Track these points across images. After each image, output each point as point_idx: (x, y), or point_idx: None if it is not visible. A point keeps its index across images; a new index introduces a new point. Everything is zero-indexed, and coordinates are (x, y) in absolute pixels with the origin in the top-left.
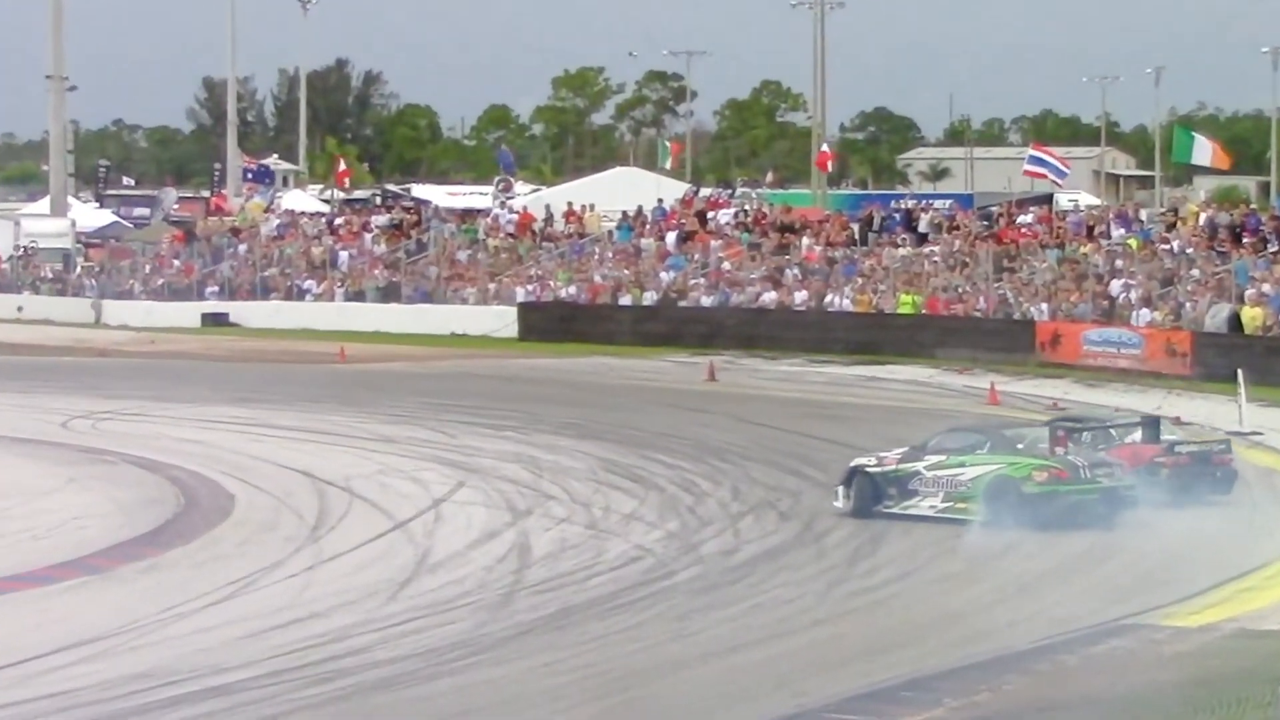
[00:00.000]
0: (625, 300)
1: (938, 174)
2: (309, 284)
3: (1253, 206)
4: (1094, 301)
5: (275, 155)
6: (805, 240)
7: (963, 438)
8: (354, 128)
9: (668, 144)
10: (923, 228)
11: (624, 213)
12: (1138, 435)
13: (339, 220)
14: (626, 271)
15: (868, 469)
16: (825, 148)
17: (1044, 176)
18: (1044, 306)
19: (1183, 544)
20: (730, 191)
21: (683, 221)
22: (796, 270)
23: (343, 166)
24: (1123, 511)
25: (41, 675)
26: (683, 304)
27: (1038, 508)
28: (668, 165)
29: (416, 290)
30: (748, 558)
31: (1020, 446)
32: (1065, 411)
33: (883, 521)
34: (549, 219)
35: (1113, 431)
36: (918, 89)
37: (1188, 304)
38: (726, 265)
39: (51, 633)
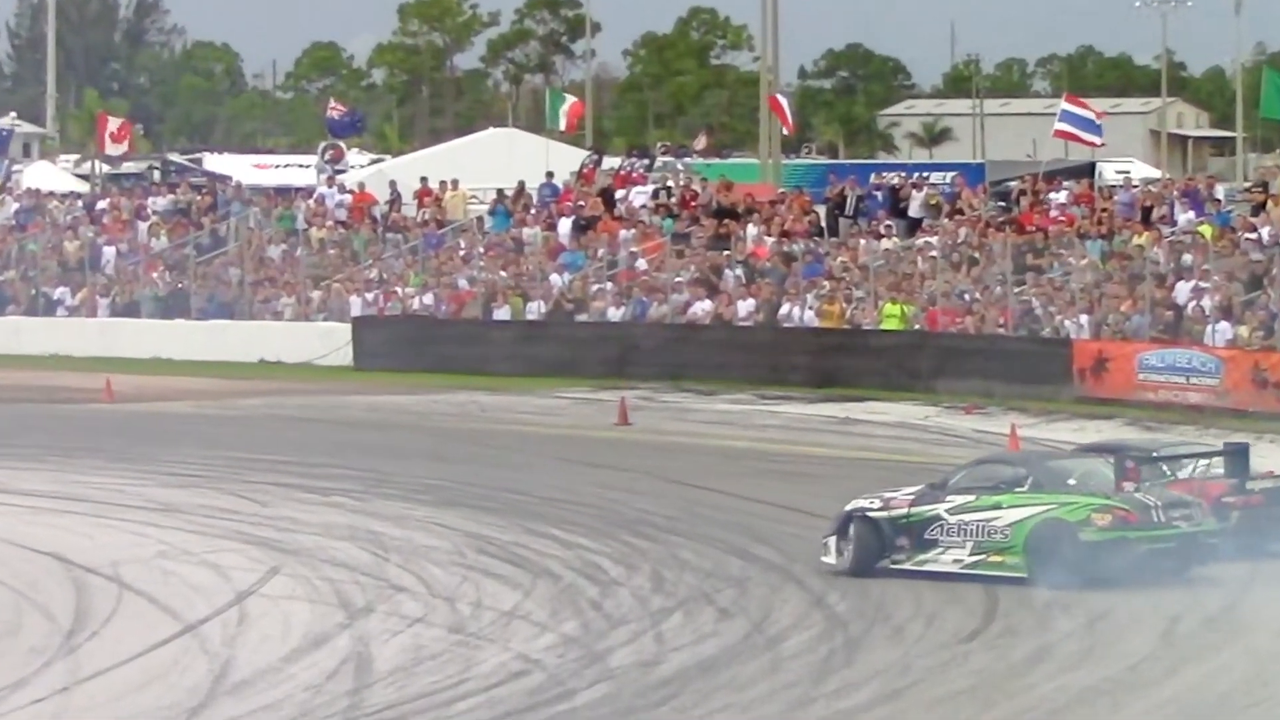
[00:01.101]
0: (502, 314)
1: (935, 136)
2: (61, 293)
3: None
4: (1153, 313)
5: (13, 114)
6: (752, 229)
7: (996, 471)
8: (123, 75)
9: (564, 99)
10: (914, 211)
11: (499, 191)
12: (1219, 469)
13: (102, 204)
14: (503, 274)
15: (870, 513)
16: (779, 98)
17: (1080, 139)
18: (1084, 320)
19: (1276, 649)
20: (647, 162)
21: (581, 204)
22: (740, 271)
23: (113, 125)
24: (1204, 564)
25: None
26: (582, 318)
27: (1100, 560)
28: (561, 128)
29: (211, 301)
30: (674, 671)
31: (1072, 482)
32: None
33: (862, 623)
34: (395, 201)
35: (1188, 463)
36: (907, 20)
37: None
38: (643, 264)
39: None
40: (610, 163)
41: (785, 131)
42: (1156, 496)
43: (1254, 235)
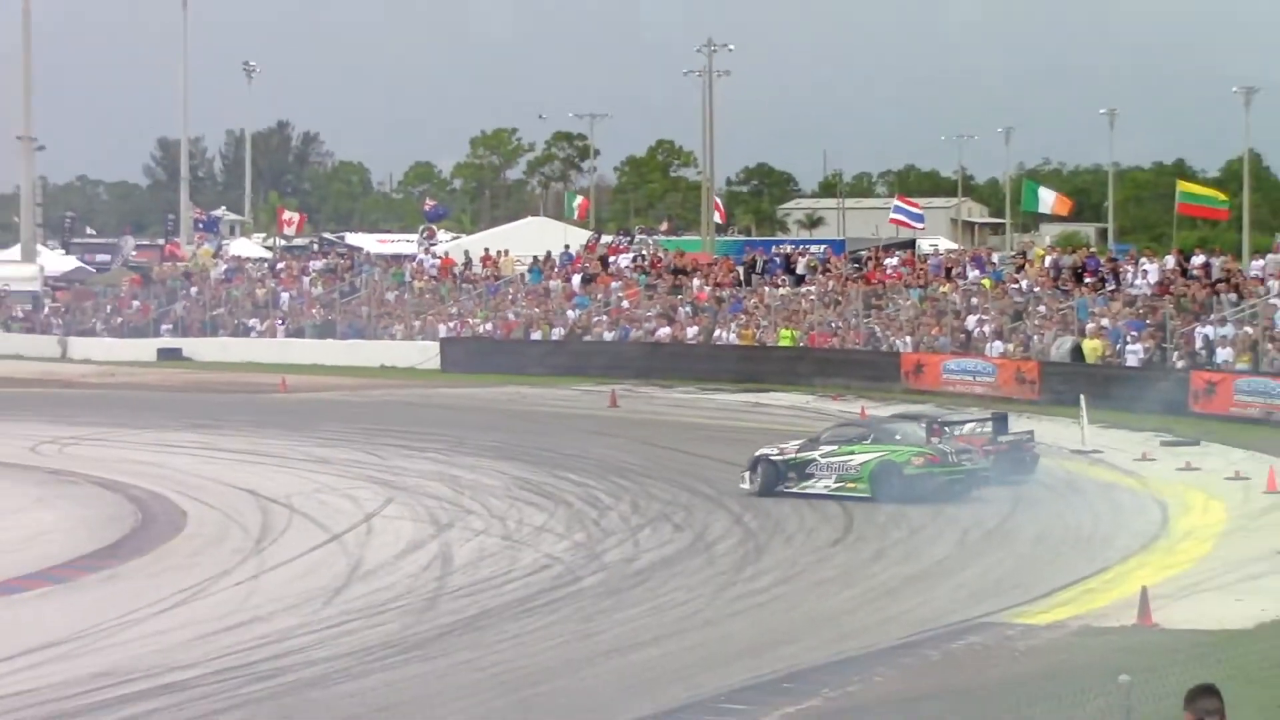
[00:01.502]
0: (536, 335)
1: (813, 222)
2: (253, 322)
3: (1092, 250)
4: (952, 335)
5: (224, 207)
6: (696, 281)
7: (850, 431)
8: (294, 182)
9: (576, 200)
10: (800, 270)
11: (535, 257)
12: (989, 428)
13: (280, 265)
14: (537, 310)
15: (771, 457)
16: (718, 202)
17: (907, 224)
18: (908, 339)
19: (1033, 551)
20: (629, 239)
21: (587, 265)
22: (688, 308)
23: (291, 216)
24: (979, 489)
25: (8, 676)
26: (587, 339)
27: (915, 486)
28: (575, 217)
29: (349, 327)
30: (646, 565)
31: (898, 438)
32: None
33: (766, 534)
34: (468, 263)
35: (971, 426)
36: (795, 147)
37: (1035, 336)
38: (626, 304)
39: (18, 637)
40: (605, 239)
41: (719, 220)
42: (950, 446)
43: (1017, 285)
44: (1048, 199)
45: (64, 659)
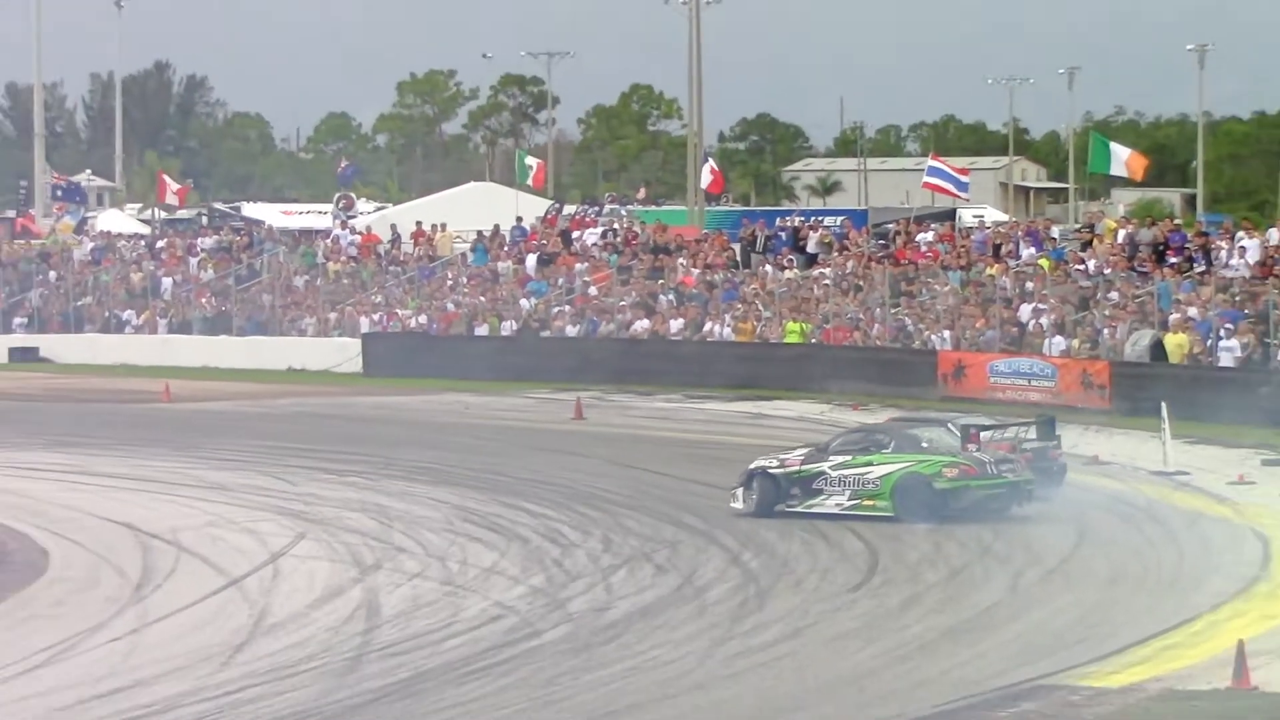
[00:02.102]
0: (481, 330)
1: (828, 188)
2: (128, 314)
3: (1177, 222)
4: (1001, 328)
5: (88, 171)
6: (681, 263)
7: (866, 438)
8: (176, 139)
9: (529, 163)
10: (811, 248)
11: (479, 233)
12: (1033, 434)
13: (161, 243)
14: (482, 299)
15: (770, 470)
16: (713, 164)
17: (945, 190)
18: (946, 334)
19: (1102, 596)
20: (597, 209)
21: (544, 242)
22: (672, 296)
23: (175, 185)
24: (1023, 504)
25: None
26: (545, 334)
27: (948, 502)
28: (529, 183)
29: (249, 321)
30: (621, 615)
31: (925, 445)
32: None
33: (770, 576)
34: (395, 240)
35: (1013, 430)
36: (805, 94)
37: (1105, 330)
38: (594, 291)
39: None
40: (568, 210)
41: (711, 188)
42: (989, 455)
43: (1082, 266)
44: (1121, 157)
45: None
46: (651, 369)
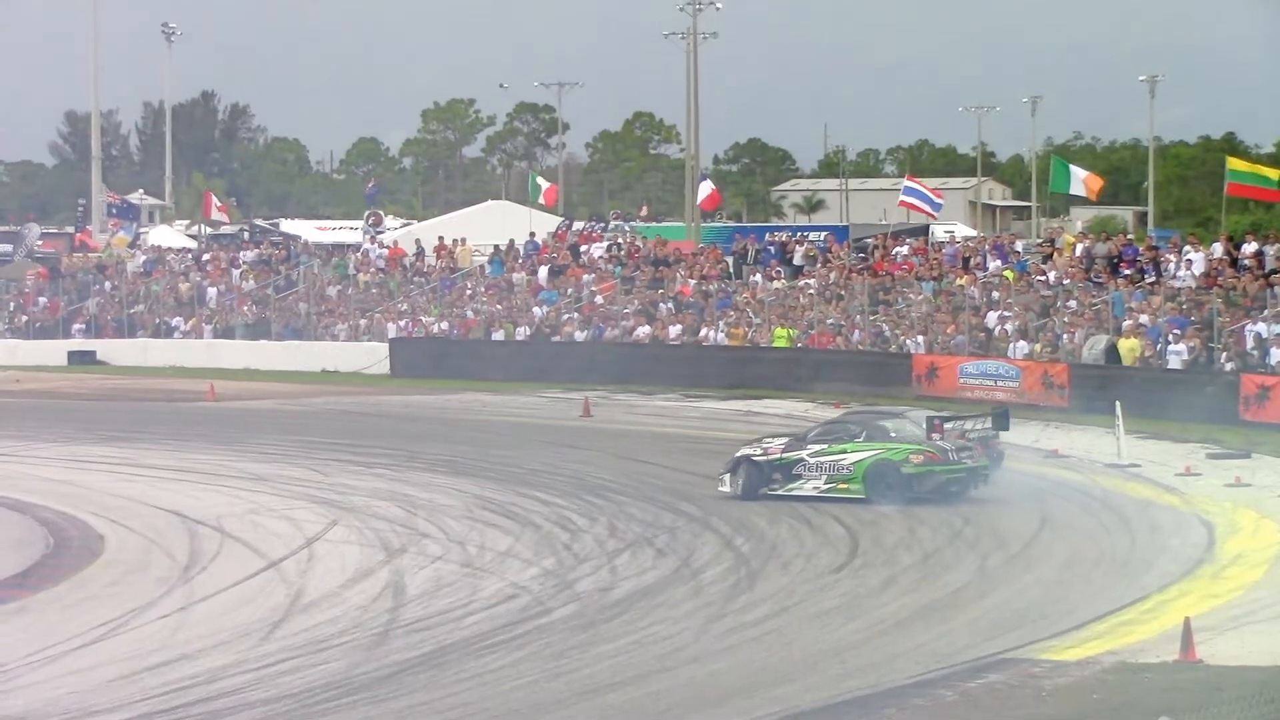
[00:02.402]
0: (498, 336)
1: (812, 206)
2: (176, 321)
3: (1130, 237)
4: (970, 334)
5: (141, 190)
6: (679, 274)
7: (841, 429)
8: (221, 162)
9: (540, 183)
10: (797, 260)
11: (496, 247)
12: (989, 424)
13: (206, 256)
14: (499, 306)
15: (754, 458)
16: (710, 184)
17: (919, 209)
18: (920, 339)
19: (1061, 577)
20: (603, 225)
21: (555, 255)
22: (670, 304)
23: (218, 202)
24: (980, 487)
25: None
26: (556, 339)
27: (914, 486)
28: (541, 201)
29: (286, 327)
30: (624, 594)
31: (893, 435)
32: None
33: (759, 559)
34: (420, 254)
35: (972, 422)
36: (792, 120)
37: (1065, 335)
38: (600, 299)
39: None
40: (576, 226)
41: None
42: (951, 443)
43: (1043, 277)
44: (1079, 177)
45: None
46: (652, 370)
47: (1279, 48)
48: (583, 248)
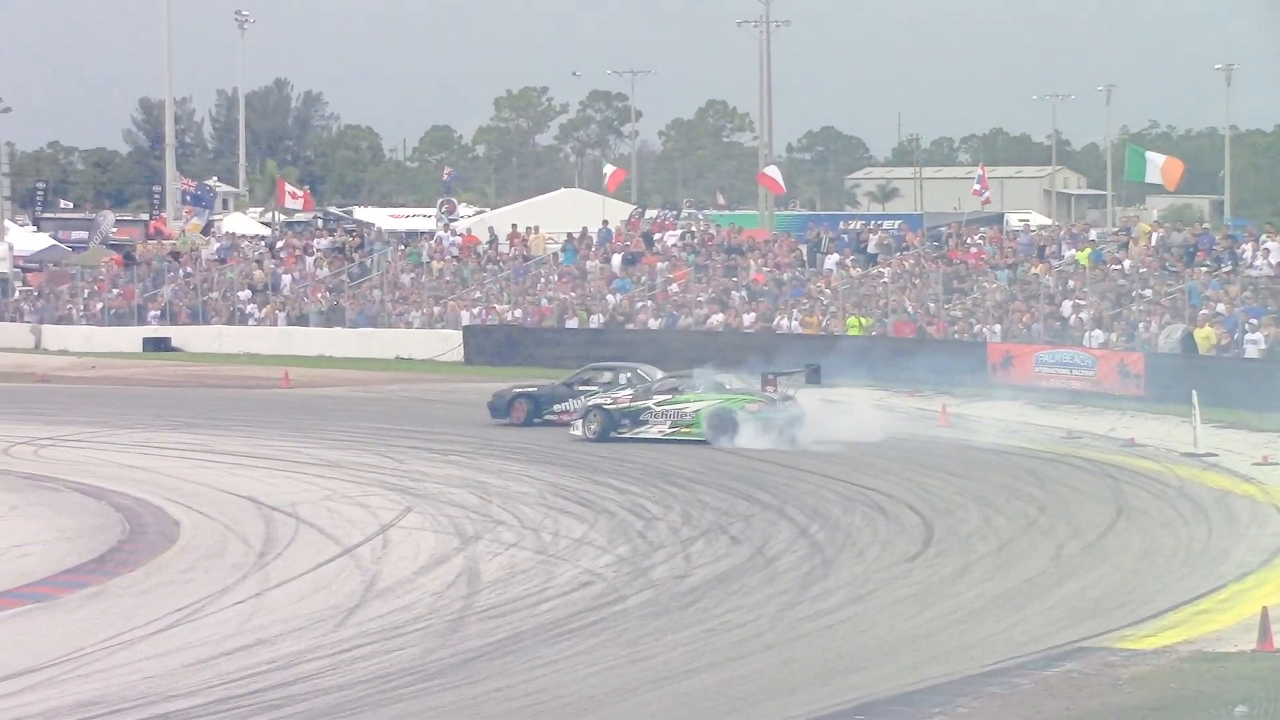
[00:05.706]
0: (572, 323)
1: (886, 195)
2: (251, 308)
3: (1205, 225)
4: (1046, 322)
5: (214, 178)
6: (753, 262)
7: (679, 382)
8: (294, 149)
9: (606, 169)
10: (871, 249)
11: (569, 235)
12: (803, 379)
13: (280, 244)
14: (572, 294)
15: (605, 406)
16: (777, 174)
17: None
18: (995, 328)
19: (1138, 566)
20: (677, 214)
21: (628, 244)
22: (744, 292)
23: (296, 190)
24: (797, 429)
25: None
26: (630, 326)
27: (746, 428)
28: (605, 186)
29: (360, 314)
30: (699, 582)
31: (728, 388)
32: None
33: (834, 547)
34: (493, 241)
35: (790, 377)
36: (866, 108)
37: (1140, 324)
38: (674, 287)
39: None
40: (650, 214)
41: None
42: (778, 394)
43: (1119, 266)
44: (1157, 163)
45: (47, 686)
46: (726, 359)
47: None
48: (656, 236)
